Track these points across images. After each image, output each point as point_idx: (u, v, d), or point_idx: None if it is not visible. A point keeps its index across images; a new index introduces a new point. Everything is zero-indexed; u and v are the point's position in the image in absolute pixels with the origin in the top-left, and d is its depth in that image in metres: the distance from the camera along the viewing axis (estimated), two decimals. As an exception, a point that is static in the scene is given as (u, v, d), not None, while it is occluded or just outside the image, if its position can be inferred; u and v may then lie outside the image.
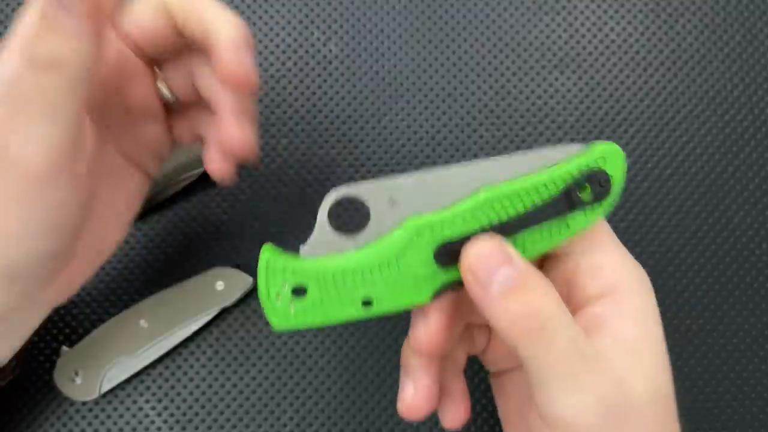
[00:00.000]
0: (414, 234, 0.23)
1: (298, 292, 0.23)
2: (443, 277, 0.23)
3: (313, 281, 0.23)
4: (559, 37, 0.39)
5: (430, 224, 0.23)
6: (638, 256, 0.36)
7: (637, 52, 0.39)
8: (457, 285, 0.24)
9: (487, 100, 0.38)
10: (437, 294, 0.24)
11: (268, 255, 0.23)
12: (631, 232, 0.37)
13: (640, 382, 0.22)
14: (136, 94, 0.27)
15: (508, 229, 0.23)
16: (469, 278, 0.23)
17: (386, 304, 0.23)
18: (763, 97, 0.39)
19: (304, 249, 0.24)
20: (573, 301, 0.24)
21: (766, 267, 0.37)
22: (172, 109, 0.30)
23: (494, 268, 0.22)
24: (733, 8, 0.40)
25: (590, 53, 0.39)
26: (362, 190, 0.23)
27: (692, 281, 0.37)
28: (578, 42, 0.39)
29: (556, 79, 0.39)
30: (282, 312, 0.23)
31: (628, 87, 0.39)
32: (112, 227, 0.29)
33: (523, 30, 0.39)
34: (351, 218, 0.24)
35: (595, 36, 0.39)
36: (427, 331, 0.24)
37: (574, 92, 0.38)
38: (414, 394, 0.25)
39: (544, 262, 0.27)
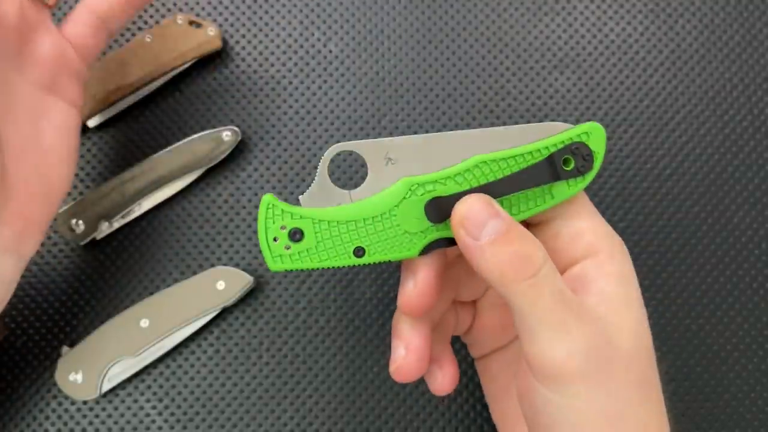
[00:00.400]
0: (407, 190, 0.25)
1: (295, 236, 0.24)
2: (433, 233, 0.25)
3: (309, 227, 0.24)
4: (559, 37, 0.39)
5: (422, 182, 0.24)
6: (638, 256, 0.37)
7: (637, 53, 0.39)
8: (446, 242, 0.25)
9: (487, 100, 0.38)
10: (426, 249, 0.25)
11: (269, 199, 0.24)
12: (630, 232, 0.37)
13: (625, 335, 0.24)
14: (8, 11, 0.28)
15: (496, 192, 0.25)
16: (460, 232, 0.24)
17: (377, 254, 0.25)
18: (763, 97, 0.39)
19: (303, 198, 0.25)
20: (556, 264, 0.25)
21: (766, 267, 0.37)
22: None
23: (483, 220, 0.23)
24: (733, 8, 0.40)
25: (590, 53, 0.39)
26: (362, 146, 0.25)
27: (692, 281, 0.37)
28: (578, 42, 0.39)
29: (556, 79, 0.39)
30: (278, 253, 0.24)
31: (627, 87, 0.39)
32: (50, 161, 0.29)
33: (523, 30, 0.39)
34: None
35: (594, 36, 0.39)
36: (416, 287, 0.25)
37: (573, 92, 0.38)
38: (404, 356, 0.26)
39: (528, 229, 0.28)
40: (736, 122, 0.38)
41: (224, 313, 0.36)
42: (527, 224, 0.27)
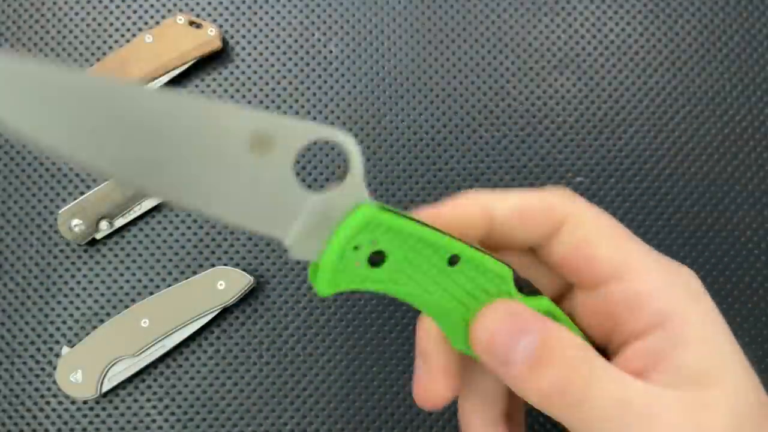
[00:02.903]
0: None
1: (374, 260, 0.19)
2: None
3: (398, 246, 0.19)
4: (559, 37, 0.39)
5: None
6: (638, 256, 0.37)
7: (637, 53, 0.39)
8: None
9: (487, 100, 0.38)
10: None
11: (370, 213, 0.19)
12: (630, 231, 0.37)
13: (721, 414, 0.19)
14: None
15: None
16: (488, 360, 0.20)
17: (473, 259, 0.20)
18: (762, 98, 0.39)
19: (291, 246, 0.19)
20: (616, 338, 0.21)
21: (766, 267, 0.37)
22: None
23: (512, 344, 0.20)
24: (733, 9, 0.40)
25: (590, 54, 0.39)
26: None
27: (691, 281, 0.37)
28: (577, 43, 0.39)
29: (556, 79, 0.39)
30: (346, 277, 0.19)
31: (627, 87, 0.39)
32: None
33: (522, 31, 0.39)
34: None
35: (594, 37, 0.39)
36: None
37: (573, 93, 0.39)
38: (428, 376, 0.23)
39: (565, 293, 0.24)
40: (736, 122, 0.38)
41: (224, 313, 0.36)
42: (565, 289, 0.23)
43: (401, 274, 0.20)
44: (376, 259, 0.19)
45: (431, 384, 0.22)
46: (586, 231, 0.22)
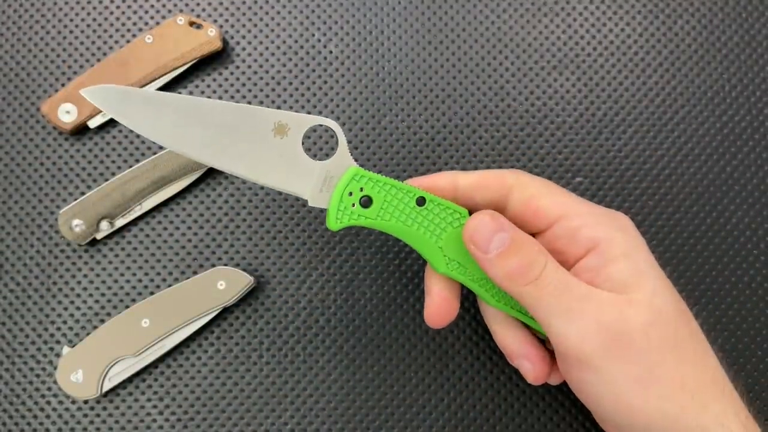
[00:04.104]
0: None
1: (364, 202, 0.28)
2: (455, 269, 0.30)
3: (378, 191, 0.28)
4: (558, 38, 0.39)
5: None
6: (637, 256, 0.37)
7: (636, 53, 0.39)
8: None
9: (487, 100, 0.38)
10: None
11: (355, 171, 0.28)
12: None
13: (638, 307, 0.26)
14: None
15: None
16: (471, 247, 0.27)
17: (436, 206, 0.29)
18: (762, 98, 0.39)
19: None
20: (566, 263, 0.28)
21: (765, 267, 0.37)
22: None
23: (490, 235, 0.26)
24: (732, 9, 0.40)
25: (589, 54, 0.39)
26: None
27: (690, 280, 0.37)
28: (577, 43, 0.39)
29: (555, 80, 0.39)
30: (343, 215, 0.28)
31: (626, 88, 0.39)
32: None
33: (522, 31, 0.39)
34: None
35: (593, 37, 0.39)
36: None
37: (573, 93, 0.39)
38: (431, 303, 0.30)
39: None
40: (735, 122, 0.38)
41: (224, 313, 0.36)
42: (534, 234, 0.29)
43: (385, 212, 0.29)
44: (366, 202, 0.29)
45: (434, 308, 0.29)
46: (531, 190, 0.29)
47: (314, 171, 0.28)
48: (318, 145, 0.37)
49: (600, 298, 0.26)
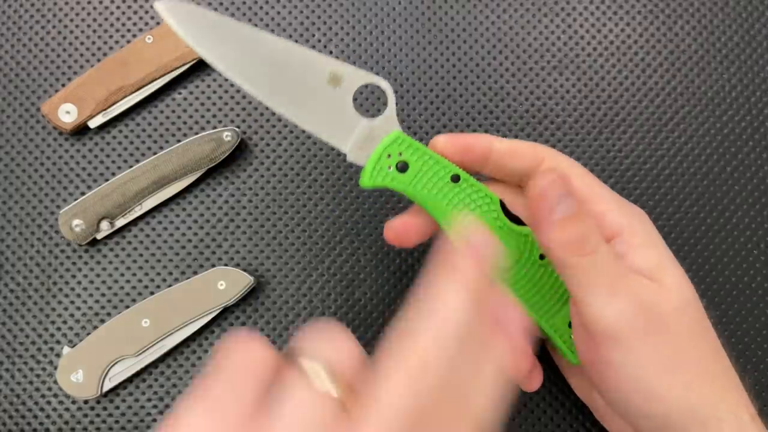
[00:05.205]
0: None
1: (401, 167, 0.28)
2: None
3: (416, 158, 0.28)
4: (558, 38, 0.39)
5: None
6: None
7: (636, 53, 0.39)
8: None
9: (487, 100, 0.38)
10: None
11: (397, 134, 0.28)
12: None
13: (668, 293, 0.26)
14: None
15: None
16: (537, 205, 0.26)
17: (470, 184, 0.29)
18: (762, 98, 0.39)
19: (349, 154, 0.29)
20: None
21: (765, 267, 0.37)
22: None
23: (558, 198, 0.26)
24: (732, 9, 0.40)
25: (589, 54, 0.39)
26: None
27: (691, 280, 0.37)
28: (577, 43, 0.39)
29: (555, 80, 0.39)
30: (378, 174, 0.28)
31: (626, 88, 0.39)
32: None
33: (522, 31, 0.39)
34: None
35: (594, 37, 0.39)
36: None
37: (573, 93, 0.39)
38: (398, 219, 0.30)
39: None
40: (735, 122, 0.38)
41: (224, 313, 0.36)
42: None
43: (418, 181, 0.28)
44: (402, 167, 0.28)
45: (401, 222, 0.30)
46: (563, 166, 0.29)
47: (358, 127, 0.28)
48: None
49: (638, 282, 0.26)
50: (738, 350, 0.36)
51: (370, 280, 0.36)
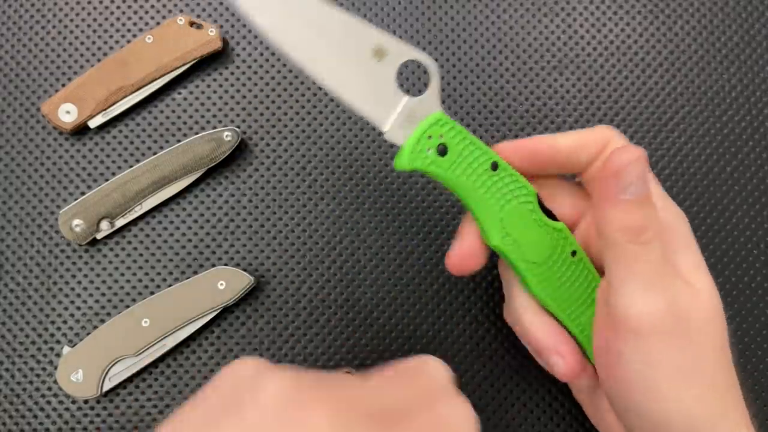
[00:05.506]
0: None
1: (441, 150, 0.27)
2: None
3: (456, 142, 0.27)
4: (558, 38, 0.39)
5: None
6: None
7: (636, 53, 0.39)
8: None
9: (487, 100, 0.38)
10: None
11: (439, 115, 0.27)
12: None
13: (702, 298, 0.26)
14: None
15: None
16: (610, 180, 0.25)
17: (509, 172, 0.28)
18: (762, 98, 0.39)
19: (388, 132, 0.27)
20: None
21: (765, 267, 0.37)
22: None
23: (633, 179, 0.25)
24: (732, 9, 0.40)
25: (589, 54, 0.39)
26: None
27: (691, 281, 0.37)
28: (577, 43, 0.39)
29: (555, 80, 0.39)
30: (417, 156, 0.27)
31: (627, 88, 0.39)
32: None
33: (522, 31, 0.39)
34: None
35: (594, 37, 0.39)
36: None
37: (573, 93, 0.39)
38: (457, 248, 0.29)
39: (573, 228, 0.30)
40: (735, 122, 0.38)
41: (224, 313, 0.36)
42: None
43: (457, 166, 0.27)
44: (442, 150, 0.27)
45: (460, 250, 0.29)
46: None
47: (399, 104, 0.27)
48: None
49: (678, 282, 0.26)
50: (738, 350, 0.36)
51: (370, 280, 0.36)
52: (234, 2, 0.25)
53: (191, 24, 0.37)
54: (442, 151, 0.27)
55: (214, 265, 0.36)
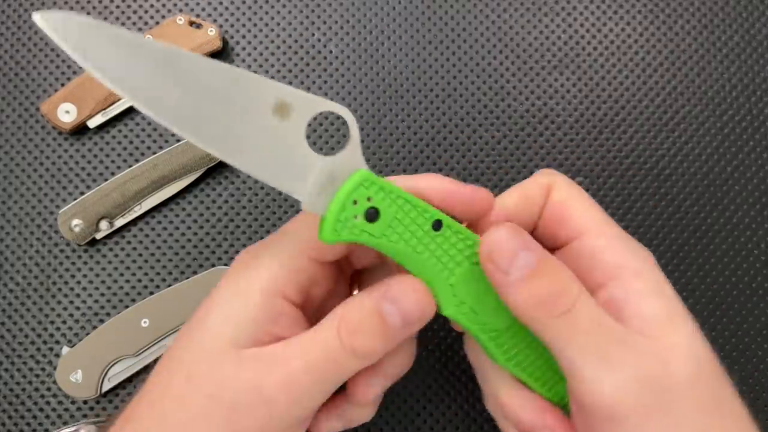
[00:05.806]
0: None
1: (371, 215, 0.23)
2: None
3: (389, 205, 0.23)
4: (559, 37, 0.39)
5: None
6: (637, 256, 0.37)
7: (636, 53, 0.39)
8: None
9: (487, 100, 0.38)
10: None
11: (364, 175, 0.23)
12: (630, 232, 0.37)
13: (679, 355, 0.21)
14: None
15: None
16: (489, 267, 0.22)
17: (453, 227, 0.24)
18: (762, 98, 0.39)
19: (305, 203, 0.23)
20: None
21: (766, 266, 0.37)
22: None
23: (513, 254, 0.22)
24: (732, 9, 0.40)
25: (589, 54, 0.39)
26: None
27: (691, 280, 0.37)
28: (577, 43, 0.39)
29: (556, 79, 0.39)
30: (344, 226, 0.23)
31: (627, 87, 0.39)
32: None
33: (522, 31, 0.39)
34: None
35: (594, 37, 0.39)
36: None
37: (573, 93, 0.39)
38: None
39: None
40: (736, 122, 0.38)
41: (224, 313, 0.36)
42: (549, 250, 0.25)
43: (393, 231, 0.23)
44: (372, 215, 0.23)
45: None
46: (569, 192, 0.25)
47: (315, 167, 0.22)
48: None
49: (638, 344, 0.22)
50: (738, 350, 0.36)
51: (370, 280, 0.36)
52: (79, 59, 0.19)
53: (191, 23, 0.37)
54: (372, 215, 0.23)
55: (214, 265, 0.36)
